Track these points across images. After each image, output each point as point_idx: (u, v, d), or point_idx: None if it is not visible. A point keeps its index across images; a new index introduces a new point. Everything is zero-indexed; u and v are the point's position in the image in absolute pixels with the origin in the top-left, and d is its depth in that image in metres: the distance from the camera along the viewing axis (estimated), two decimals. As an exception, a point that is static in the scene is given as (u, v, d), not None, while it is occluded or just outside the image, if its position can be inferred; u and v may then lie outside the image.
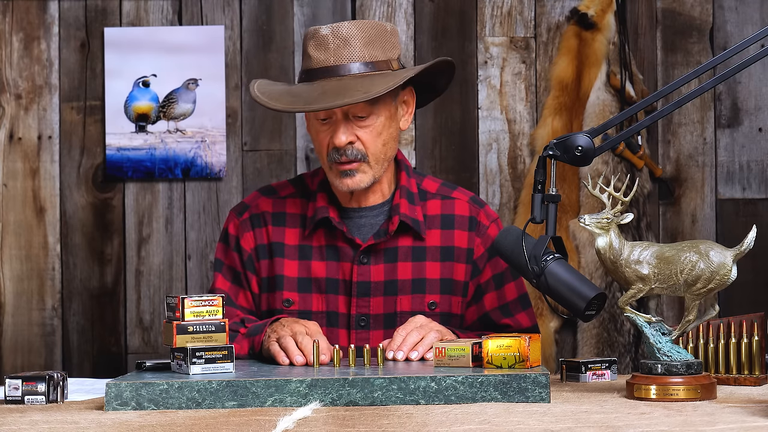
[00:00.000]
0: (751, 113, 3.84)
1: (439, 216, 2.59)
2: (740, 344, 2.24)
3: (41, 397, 2.09)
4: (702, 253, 2.03)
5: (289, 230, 2.60)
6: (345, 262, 2.55)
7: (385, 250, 2.55)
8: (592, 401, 2.01)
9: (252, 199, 2.66)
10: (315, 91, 2.46)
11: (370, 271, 2.53)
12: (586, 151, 2.13)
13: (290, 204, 2.62)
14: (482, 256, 2.59)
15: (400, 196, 2.57)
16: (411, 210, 2.56)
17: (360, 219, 2.58)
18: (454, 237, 2.58)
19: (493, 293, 2.59)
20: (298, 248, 2.58)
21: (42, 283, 3.89)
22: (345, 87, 2.44)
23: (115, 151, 3.85)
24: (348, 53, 2.47)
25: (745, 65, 2.10)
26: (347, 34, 2.47)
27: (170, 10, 3.88)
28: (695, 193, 3.84)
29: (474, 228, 2.60)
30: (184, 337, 2.12)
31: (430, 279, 2.55)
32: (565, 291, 2.12)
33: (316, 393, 1.98)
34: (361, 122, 2.48)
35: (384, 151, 2.52)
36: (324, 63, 2.48)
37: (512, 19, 3.86)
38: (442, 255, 2.57)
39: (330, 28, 2.49)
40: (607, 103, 3.78)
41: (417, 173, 2.67)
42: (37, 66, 3.89)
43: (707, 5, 3.84)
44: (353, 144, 2.48)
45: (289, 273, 2.56)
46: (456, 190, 2.64)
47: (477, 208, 2.62)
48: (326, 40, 2.48)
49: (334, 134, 2.48)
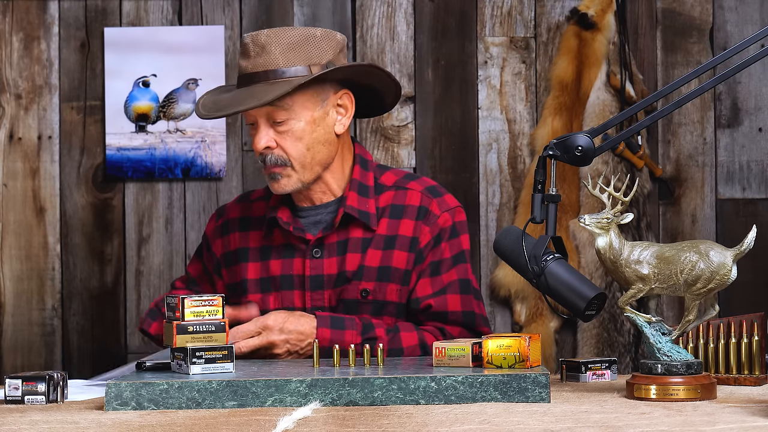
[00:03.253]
0: (751, 113, 3.84)
1: (389, 206, 2.60)
2: (740, 344, 2.24)
3: (41, 397, 2.09)
4: (702, 253, 2.03)
5: (253, 233, 2.65)
6: (298, 257, 2.58)
7: (337, 243, 2.57)
8: (592, 401, 2.01)
9: (230, 205, 2.74)
10: (232, 97, 2.52)
11: (323, 265, 2.56)
12: (586, 151, 2.13)
13: (256, 207, 2.68)
14: (427, 245, 2.58)
15: (349, 189, 2.59)
16: (360, 202, 2.57)
17: (315, 216, 2.61)
18: (399, 226, 2.58)
19: (427, 279, 2.58)
20: (260, 250, 2.62)
21: (42, 283, 3.89)
22: (250, 94, 2.49)
23: (115, 151, 3.85)
24: (263, 60, 2.50)
25: (745, 65, 2.10)
26: (264, 42, 2.51)
27: (170, 10, 3.88)
28: (695, 193, 3.84)
29: (422, 217, 2.59)
30: (184, 337, 2.12)
31: (368, 266, 2.56)
32: (565, 291, 2.12)
33: (316, 393, 1.98)
34: (279, 127, 2.52)
35: (310, 156, 2.54)
36: (244, 70, 2.53)
37: (512, 19, 3.86)
38: (385, 243, 2.57)
39: (250, 36, 2.53)
40: (607, 103, 3.78)
41: (380, 167, 2.67)
42: (37, 66, 3.89)
43: (707, 5, 3.84)
44: (272, 149, 2.52)
45: (252, 275, 2.62)
46: (414, 181, 2.64)
47: (430, 198, 2.61)
48: (247, 48, 2.53)
49: (254, 139, 2.53)
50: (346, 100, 2.58)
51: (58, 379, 2.12)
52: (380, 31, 3.87)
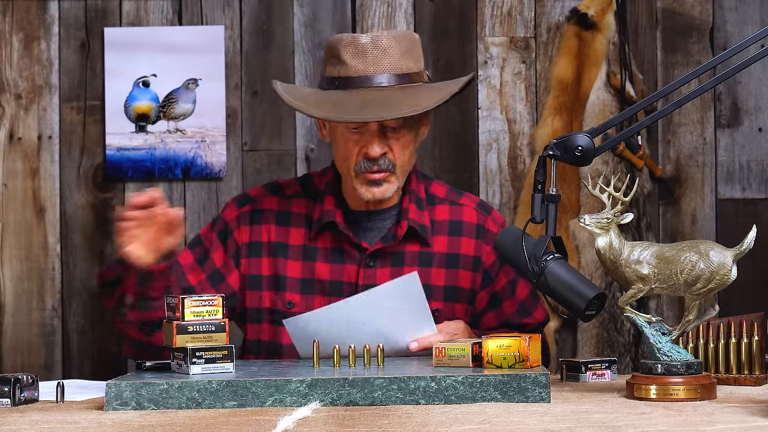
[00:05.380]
0: (751, 113, 3.84)
1: (447, 222, 2.59)
2: (740, 344, 2.24)
3: (6, 400, 2.07)
4: (702, 253, 2.03)
5: (293, 230, 2.59)
6: (351, 264, 2.55)
7: (391, 254, 2.55)
8: (592, 401, 2.01)
9: (257, 193, 2.65)
10: (355, 100, 2.46)
11: (376, 275, 2.53)
12: (586, 151, 2.13)
13: (296, 203, 2.61)
14: (493, 264, 2.60)
15: (409, 201, 2.57)
16: (419, 215, 2.56)
17: (368, 222, 2.58)
18: (461, 244, 2.58)
19: (510, 299, 2.62)
20: (303, 249, 2.57)
21: (42, 283, 3.89)
22: (387, 99, 2.45)
23: (115, 151, 3.85)
24: (387, 63, 2.48)
25: (745, 65, 2.10)
26: (386, 45, 2.49)
27: (170, 10, 3.88)
28: (695, 193, 3.84)
29: (482, 236, 2.60)
30: (184, 337, 2.12)
31: (435, 286, 2.55)
32: (565, 291, 2.12)
33: (316, 393, 1.98)
34: (395, 134, 2.50)
35: (409, 162, 2.56)
36: (363, 72, 2.48)
37: (512, 19, 3.86)
38: (447, 262, 2.57)
39: (369, 36, 2.50)
40: (607, 103, 3.78)
41: (424, 177, 2.67)
42: (37, 66, 3.89)
43: (707, 5, 3.84)
44: (386, 155, 2.50)
45: (292, 274, 2.56)
46: (463, 196, 2.65)
47: (484, 216, 2.63)
48: (365, 49, 2.48)
49: (368, 145, 2.48)
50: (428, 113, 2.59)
51: (26, 382, 2.10)
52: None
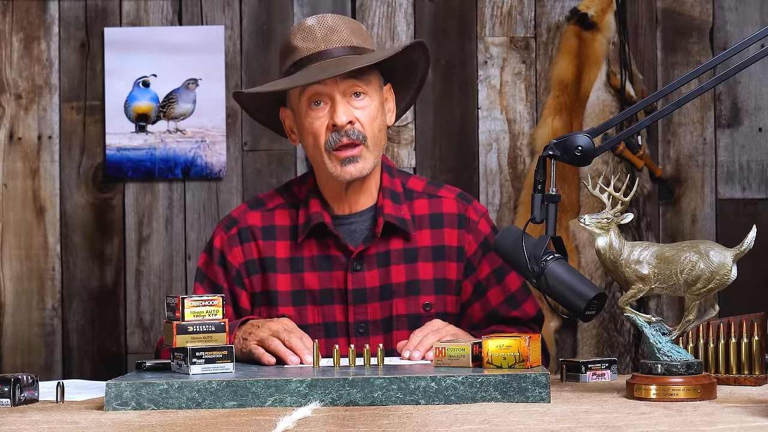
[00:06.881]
0: (751, 113, 3.84)
1: (428, 215, 2.58)
2: (740, 344, 2.24)
3: (6, 400, 2.07)
4: (702, 253, 2.03)
5: (279, 243, 2.56)
6: (338, 270, 2.53)
7: (377, 254, 2.53)
8: (592, 401, 2.01)
9: (240, 213, 2.62)
10: (310, 71, 2.46)
11: (365, 278, 2.52)
12: (586, 151, 2.13)
13: (279, 216, 2.59)
14: (476, 253, 2.58)
15: (383, 197, 2.55)
16: (396, 209, 2.54)
17: (350, 225, 2.56)
18: (444, 236, 2.56)
19: (497, 288, 2.58)
20: (290, 261, 2.55)
21: (42, 283, 3.89)
22: (342, 62, 2.45)
23: (115, 151, 3.85)
24: (336, 39, 2.49)
25: (745, 65, 2.10)
26: (332, 23, 2.50)
27: (170, 10, 3.88)
28: (695, 193, 3.84)
29: (464, 225, 2.58)
30: (184, 337, 2.12)
31: (424, 280, 2.54)
32: (565, 291, 2.12)
33: (316, 393, 1.98)
34: (357, 102, 2.47)
35: (380, 138, 2.52)
36: (315, 50, 2.48)
37: (512, 19, 3.86)
38: (433, 255, 2.55)
39: (315, 18, 2.51)
40: (607, 103, 3.78)
41: (401, 172, 2.65)
42: (37, 66, 3.89)
43: (707, 5, 3.84)
44: (353, 124, 2.47)
45: (282, 287, 2.54)
46: (442, 188, 2.63)
47: (465, 205, 2.61)
48: (312, 30, 2.49)
49: (333, 114, 2.45)
50: (389, 93, 2.58)
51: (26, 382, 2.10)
52: (380, 31, 3.87)
